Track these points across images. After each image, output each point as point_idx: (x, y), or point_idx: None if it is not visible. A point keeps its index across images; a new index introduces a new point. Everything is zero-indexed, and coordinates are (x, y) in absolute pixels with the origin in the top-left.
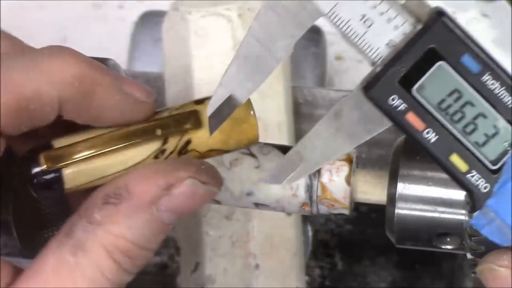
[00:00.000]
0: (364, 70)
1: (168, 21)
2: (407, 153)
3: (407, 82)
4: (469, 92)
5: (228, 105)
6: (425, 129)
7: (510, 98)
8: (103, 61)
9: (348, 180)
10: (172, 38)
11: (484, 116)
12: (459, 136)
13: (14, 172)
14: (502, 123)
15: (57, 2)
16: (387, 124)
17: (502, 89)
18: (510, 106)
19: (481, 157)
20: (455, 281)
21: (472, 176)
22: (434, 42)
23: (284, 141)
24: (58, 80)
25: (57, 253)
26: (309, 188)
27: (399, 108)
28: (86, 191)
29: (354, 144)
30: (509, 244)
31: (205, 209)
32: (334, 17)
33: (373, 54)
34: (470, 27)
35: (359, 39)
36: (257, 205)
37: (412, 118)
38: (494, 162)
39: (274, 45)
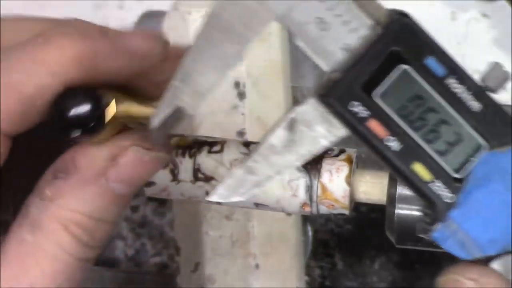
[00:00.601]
0: None
1: (168, 21)
2: None
3: (369, 87)
4: (432, 98)
5: (175, 117)
6: (387, 136)
7: (475, 102)
8: None
9: (348, 180)
10: (172, 38)
11: (447, 123)
12: (422, 144)
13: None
14: (466, 129)
15: (57, 2)
16: (344, 133)
17: (467, 93)
18: (475, 111)
19: (445, 166)
20: None
21: (436, 186)
22: (397, 45)
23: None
24: (57, 69)
25: (17, 234)
26: (309, 189)
27: (360, 115)
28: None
29: (308, 156)
30: (472, 257)
31: (205, 209)
32: (289, 20)
33: (329, 59)
34: (470, 27)
35: (314, 44)
36: (257, 205)
37: (373, 125)
38: (457, 171)
39: (226, 48)
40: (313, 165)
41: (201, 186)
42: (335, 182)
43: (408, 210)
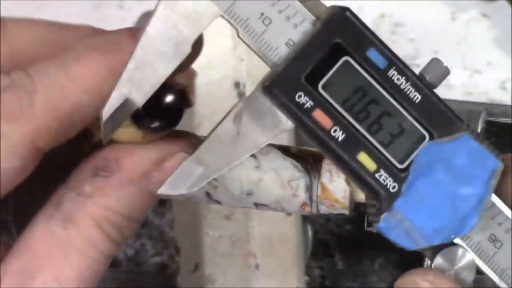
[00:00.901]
0: None
1: None
2: None
3: (313, 79)
4: (374, 89)
5: (124, 109)
6: (332, 127)
7: (416, 93)
8: None
9: (348, 180)
10: None
11: (390, 115)
12: (366, 134)
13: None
14: (408, 120)
15: (57, 2)
16: (288, 125)
17: (408, 84)
18: (417, 102)
19: (389, 156)
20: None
21: (380, 176)
22: (339, 37)
23: (284, 141)
24: (92, 85)
25: (46, 226)
26: (309, 188)
27: (305, 106)
28: None
29: (255, 148)
30: (416, 248)
31: (205, 209)
32: (232, 16)
33: (272, 54)
34: (470, 27)
35: (258, 39)
36: (257, 205)
37: (319, 116)
38: (402, 161)
39: (170, 46)
40: (313, 165)
41: (201, 186)
42: (335, 182)
43: None
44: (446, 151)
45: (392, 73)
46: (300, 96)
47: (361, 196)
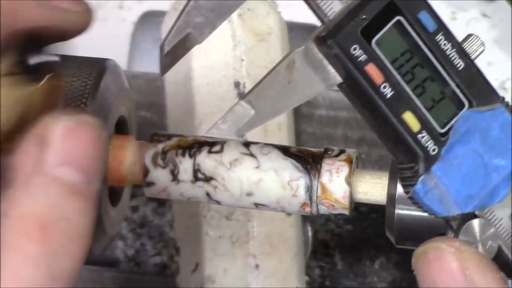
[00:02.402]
0: None
1: (168, 21)
2: None
3: (368, 34)
4: (423, 52)
5: (185, 45)
6: (383, 83)
7: (460, 61)
8: (103, 61)
9: (348, 180)
10: None
11: (433, 79)
12: (412, 95)
13: None
14: (451, 86)
15: None
16: (337, 80)
17: (453, 51)
18: (460, 69)
19: (431, 119)
20: None
21: (423, 137)
22: None
23: (284, 141)
24: None
25: None
26: (309, 189)
27: (359, 59)
28: None
29: (303, 99)
30: (448, 214)
31: (205, 209)
32: None
33: (327, 7)
34: (470, 27)
35: None
36: (257, 205)
37: (372, 70)
38: (442, 126)
39: None
40: (313, 165)
41: (201, 186)
42: (335, 182)
43: (408, 210)
44: (483, 120)
45: (440, 37)
46: (355, 49)
47: (360, 196)
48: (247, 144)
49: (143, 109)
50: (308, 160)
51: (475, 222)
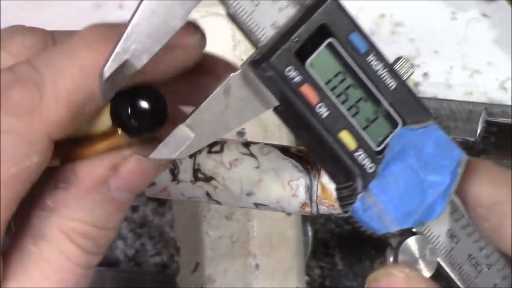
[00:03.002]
0: None
1: None
2: None
3: (301, 55)
4: (355, 73)
5: (123, 71)
6: (318, 103)
7: (392, 81)
8: None
9: None
10: None
11: (367, 98)
12: (346, 115)
13: None
14: (384, 105)
15: (57, 2)
16: (274, 103)
17: (384, 71)
18: (392, 89)
19: (366, 138)
20: (454, 281)
21: (359, 155)
22: (325, 19)
23: (284, 141)
24: (94, 74)
25: (20, 245)
26: (309, 188)
27: (294, 80)
28: None
29: (242, 122)
30: (387, 231)
31: (205, 209)
32: None
33: (260, 33)
34: (470, 27)
35: (247, 17)
36: (257, 205)
37: (307, 90)
38: (377, 144)
39: (162, 20)
40: (313, 165)
41: (201, 186)
42: None
43: None
44: (417, 138)
45: (371, 58)
46: (290, 70)
47: None
48: (247, 144)
49: None
50: (308, 160)
51: (413, 240)
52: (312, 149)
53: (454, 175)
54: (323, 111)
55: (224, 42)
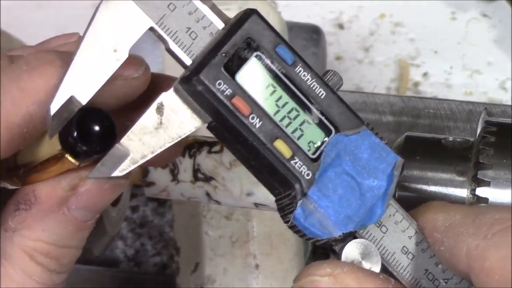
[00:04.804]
0: (364, 70)
1: None
2: (407, 153)
3: (231, 69)
4: (285, 84)
5: (69, 107)
6: (251, 113)
7: (321, 90)
8: None
9: None
10: None
11: (298, 109)
12: (280, 124)
13: None
14: (315, 114)
15: (57, 2)
16: (207, 119)
17: (313, 81)
18: (322, 97)
19: (301, 146)
20: None
21: (296, 163)
22: (251, 33)
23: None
24: (43, 97)
25: None
26: None
27: (225, 93)
28: None
29: (177, 138)
30: (330, 236)
31: (205, 209)
32: (163, 28)
33: (187, 51)
34: (470, 27)
35: (187, 50)
36: (257, 205)
37: (239, 102)
38: (312, 151)
39: (109, 50)
40: None
41: (201, 186)
42: None
43: (408, 210)
44: (351, 144)
45: (299, 69)
46: (220, 84)
47: None
48: None
49: None
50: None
51: (354, 243)
52: (249, 163)
53: (391, 178)
54: (256, 122)
55: None
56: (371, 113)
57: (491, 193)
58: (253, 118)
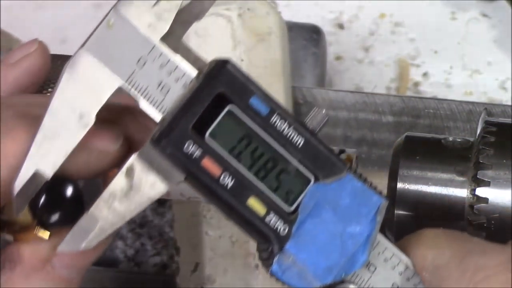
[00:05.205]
0: (364, 70)
1: None
2: (407, 153)
3: (200, 128)
4: (259, 136)
5: (34, 183)
6: (221, 174)
7: (299, 138)
8: None
9: None
10: None
11: (275, 160)
12: (254, 180)
13: None
14: (293, 164)
15: (57, 2)
16: (180, 178)
17: (290, 129)
18: (300, 146)
19: (277, 200)
20: None
21: (270, 219)
22: (222, 87)
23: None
24: (16, 162)
25: None
26: None
27: (194, 155)
28: None
29: (148, 202)
30: (311, 287)
31: (205, 209)
32: (133, 85)
33: (158, 106)
34: (470, 27)
35: (159, 106)
36: None
37: (208, 164)
38: (290, 204)
39: (74, 117)
40: None
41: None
42: None
43: (408, 210)
44: (331, 191)
45: (275, 119)
46: (188, 146)
47: None
48: None
49: None
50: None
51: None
52: (226, 215)
53: (374, 223)
54: (228, 181)
55: (224, 42)
56: (371, 113)
57: (491, 193)
58: (224, 178)
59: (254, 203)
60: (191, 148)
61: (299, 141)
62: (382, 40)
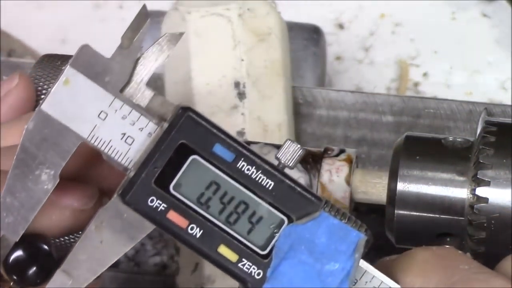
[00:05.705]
0: (364, 70)
1: (168, 21)
2: (407, 153)
3: (164, 181)
4: (226, 182)
5: (2, 246)
6: (189, 225)
7: (268, 180)
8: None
9: (348, 180)
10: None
11: (245, 205)
12: (224, 227)
13: None
14: (264, 207)
15: (57, 2)
16: (150, 227)
17: (258, 173)
18: (270, 188)
19: (250, 245)
20: None
21: (244, 265)
22: (184, 138)
23: (284, 141)
24: None
25: None
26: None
27: (159, 209)
28: None
29: (120, 254)
30: None
31: None
32: (96, 140)
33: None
34: (470, 27)
35: (123, 157)
36: None
37: (174, 217)
38: (263, 247)
39: (42, 170)
40: (313, 165)
41: None
42: (335, 182)
43: (408, 210)
44: (306, 232)
45: (241, 164)
46: (152, 201)
47: (360, 196)
48: (247, 144)
49: None
50: (308, 160)
51: None
52: (202, 257)
53: (353, 259)
54: (196, 232)
55: (224, 42)
56: (371, 113)
57: (491, 193)
58: (192, 229)
59: (224, 251)
60: (155, 202)
61: (269, 183)
62: (382, 40)
